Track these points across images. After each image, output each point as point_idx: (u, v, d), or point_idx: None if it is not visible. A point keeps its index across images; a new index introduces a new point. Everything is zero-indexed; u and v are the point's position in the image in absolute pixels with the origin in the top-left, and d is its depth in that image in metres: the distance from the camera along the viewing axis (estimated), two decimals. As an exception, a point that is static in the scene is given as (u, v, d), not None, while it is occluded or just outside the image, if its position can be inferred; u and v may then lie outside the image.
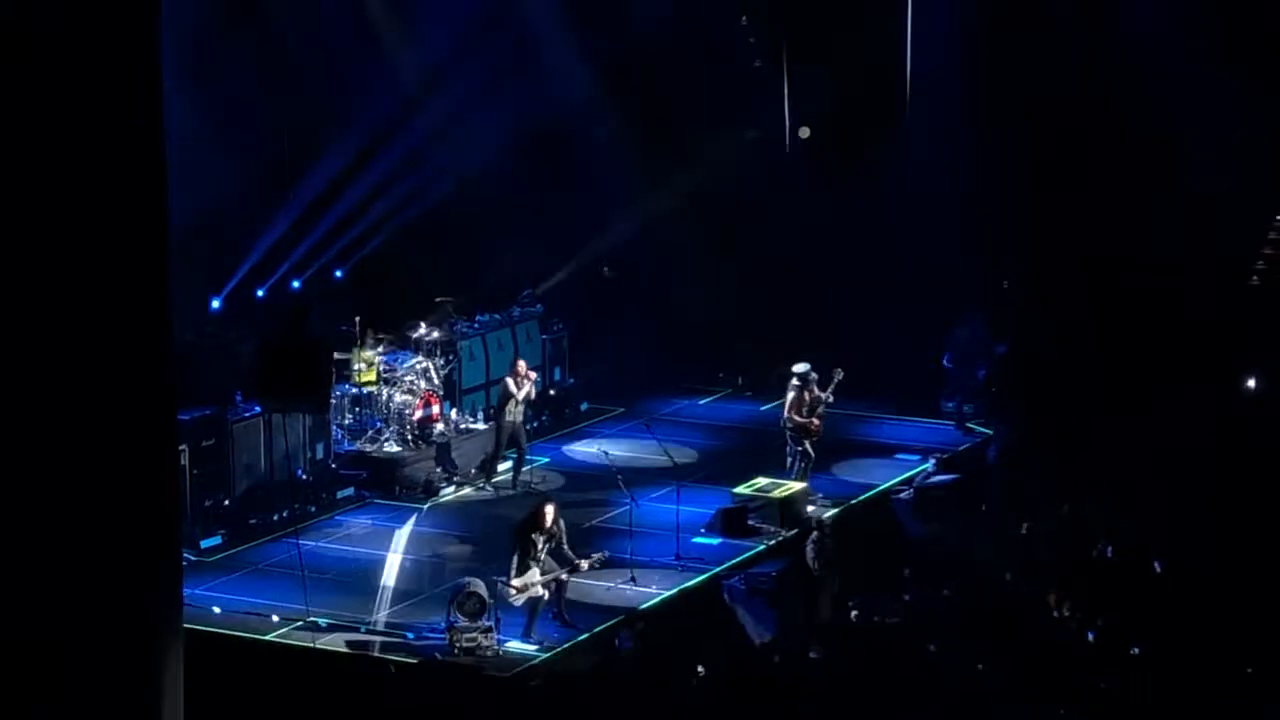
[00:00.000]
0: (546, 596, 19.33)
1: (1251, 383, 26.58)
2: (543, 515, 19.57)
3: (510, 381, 24.36)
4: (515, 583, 19.16)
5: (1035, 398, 26.51)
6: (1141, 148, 27.26)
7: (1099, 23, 27.77)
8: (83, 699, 11.20)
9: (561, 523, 19.77)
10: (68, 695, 11.15)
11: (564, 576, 19.54)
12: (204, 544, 21.77)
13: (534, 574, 19.26)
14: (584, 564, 19.82)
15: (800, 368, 23.76)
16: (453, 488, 24.35)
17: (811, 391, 23.61)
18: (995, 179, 27.82)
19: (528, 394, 24.51)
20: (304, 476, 23.39)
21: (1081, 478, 23.16)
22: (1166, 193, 26.98)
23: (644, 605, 20.20)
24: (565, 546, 19.66)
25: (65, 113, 10.55)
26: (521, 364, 24.67)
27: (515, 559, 19.32)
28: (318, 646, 19.00)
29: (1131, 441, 23.87)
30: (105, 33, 10.45)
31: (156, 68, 11.00)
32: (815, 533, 21.33)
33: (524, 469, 24.53)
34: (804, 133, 29.71)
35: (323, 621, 19.48)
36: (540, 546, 19.35)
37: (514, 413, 24.29)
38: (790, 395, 23.71)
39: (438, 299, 26.48)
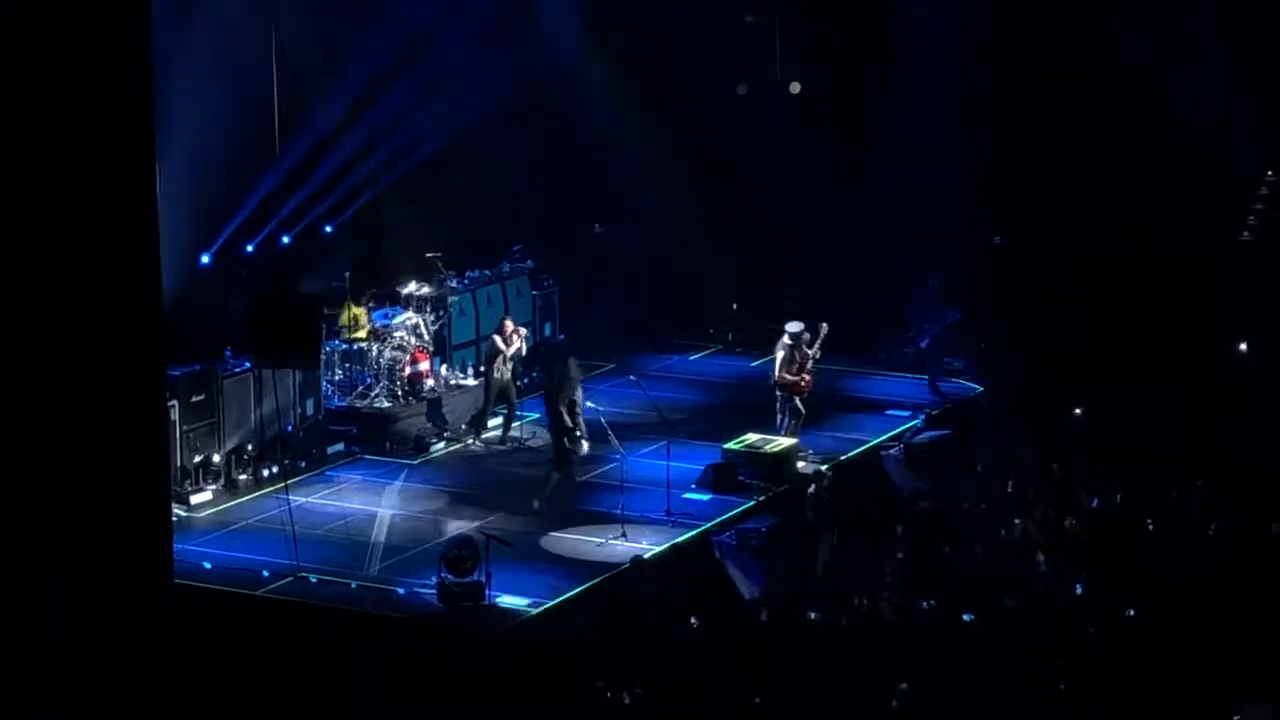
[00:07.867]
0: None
1: (1243, 347, 26.57)
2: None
3: (498, 339, 24.37)
4: None
5: (1020, 357, 26.53)
6: (1131, 105, 27.22)
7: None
8: (73, 654, 11.22)
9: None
10: (58, 651, 11.18)
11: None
12: (194, 499, 21.79)
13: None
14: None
15: (793, 327, 23.78)
16: (443, 443, 24.35)
17: (801, 350, 23.67)
18: (983, 136, 27.78)
19: (517, 350, 24.56)
20: (294, 432, 23.38)
21: (1069, 437, 23.20)
22: (1157, 151, 26.93)
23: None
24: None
25: (56, 70, 10.51)
26: (508, 322, 24.67)
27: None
28: (308, 602, 19.01)
29: (1119, 404, 23.93)
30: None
31: (145, 22, 10.97)
32: (814, 485, 21.32)
33: (514, 424, 24.54)
34: (794, 88, 29.61)
35: (313, 577, 19.48)
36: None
37: (502, 369, 24.33)
38: (780, 354, 23.76)
39: (427, 254, 26.41)
